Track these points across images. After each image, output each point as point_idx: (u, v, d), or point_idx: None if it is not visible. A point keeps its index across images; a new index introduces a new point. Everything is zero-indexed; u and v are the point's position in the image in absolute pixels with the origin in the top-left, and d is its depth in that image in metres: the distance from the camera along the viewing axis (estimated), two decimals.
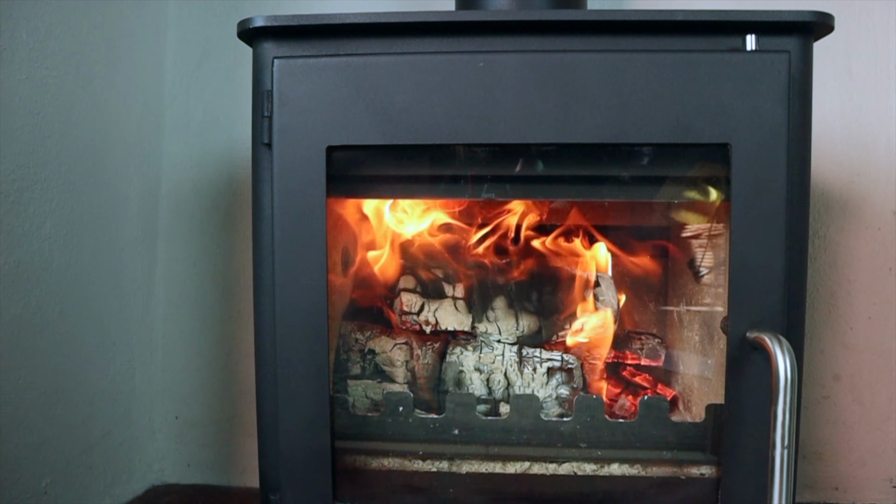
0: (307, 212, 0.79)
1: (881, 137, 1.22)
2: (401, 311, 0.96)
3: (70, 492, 1.06)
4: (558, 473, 0.86)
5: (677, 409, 1.00)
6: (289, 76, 0.78)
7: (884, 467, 1.23)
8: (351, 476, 0.85)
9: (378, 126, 0.78)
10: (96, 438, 1.13)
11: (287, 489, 0.82)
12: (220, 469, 1.29)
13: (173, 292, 1.30)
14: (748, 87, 0.77)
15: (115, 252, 1.17)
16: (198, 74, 1.30)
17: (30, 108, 0.98)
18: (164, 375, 1.30)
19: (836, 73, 1.22)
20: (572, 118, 0.78)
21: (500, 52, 0.78)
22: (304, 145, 0.78)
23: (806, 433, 1.23)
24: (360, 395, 0.94)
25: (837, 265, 1.23)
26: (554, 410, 0.94)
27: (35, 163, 0.99)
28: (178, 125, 1.30)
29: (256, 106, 0.82)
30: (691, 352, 1.00)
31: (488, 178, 0.84)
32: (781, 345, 0.71)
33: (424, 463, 0.87)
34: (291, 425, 0.81)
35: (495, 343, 0.97)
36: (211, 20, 1.30)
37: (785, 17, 0.79)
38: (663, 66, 0.77)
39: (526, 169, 0.84)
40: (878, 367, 1.23)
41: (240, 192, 1.29)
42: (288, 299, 0.80)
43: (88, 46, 1.09)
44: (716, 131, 0.77)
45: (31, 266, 0.98)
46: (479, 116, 0.77)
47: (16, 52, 0.95)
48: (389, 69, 0.78)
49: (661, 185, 0.85)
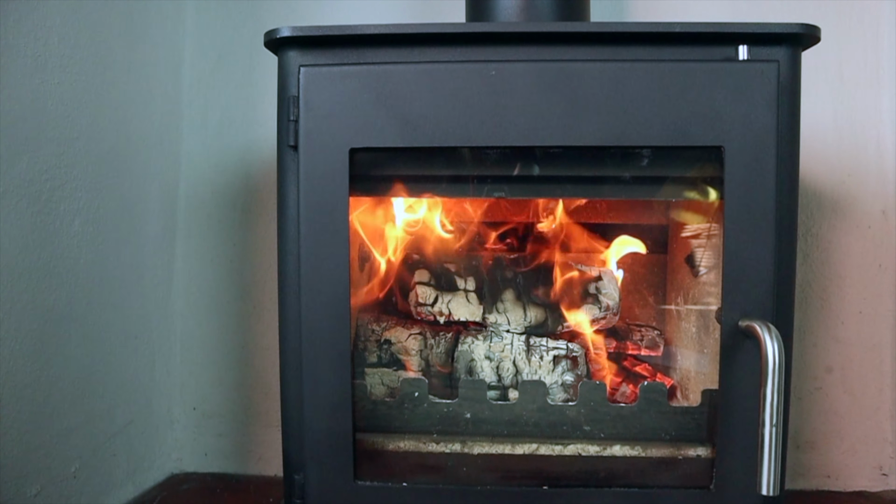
0: (331, 209, 0.86)
1: (871, 140, 1.29)
2: (416, 303, 1.04)
3: (97, 477, 1.13)
4: (564, 454, 0.93)
5: (675, 396, 1.08)
6: (314, 83, 0.86)
7: (873, 455, 1.30)
8: (370, 457, 0.93)
9: (397, 129, 0.85)
10: (119, 427, 1.20)
11: (311, 469, 0.89)
12: (237, 458, 1.36)
13: (191, 288, 1.37)
14: (740, 94, 0.85)
15: (137, 249, 1.24)
16: (214, 78, 1.37)
17: (61, 112, 1.05)
18: (182, 368, 1.37)
19: (828, 78, 1.29)
20: (577, 122, 0.85)
21: (511, 61, 0.85)
22: (329, 147, 0.86)
23: (799, 423, 1.30)
24: (376, 383, 1.02)
25: (829, 262, 1.31)
26: (559, 396, 1.02)
27: (65, 163, 1.06)
28: (196, 127, 1.37)
29: (282, 110, 0.90)
30: (689, 342, 1.08)
31: (498, 178, 0.92)
32: (770, 331, 0.78)
33: (438, 445, 0.94)
34: (316, 410, 0.88)
35: (504, 333, 1.05)
36: (226, 26, 1.37)
37: (774, 29, 0.86)
38: (661, 75, 0.85)
39: (524, 171, 0.92)
40: (869, 359, 1.30)
41: (256, 191, 1.36)
42: (313, 291, 0.87)
43: (113, 53, 1.16)
44: (710, 135, 0.85)
45: (62, 262, 1.05)
46: (491, 121, 0.85)
47: (49, 59, 1.02)
48: (408, 77, 0.85)
49: (659, 185, 0.92)
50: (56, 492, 1.04)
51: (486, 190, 0.91)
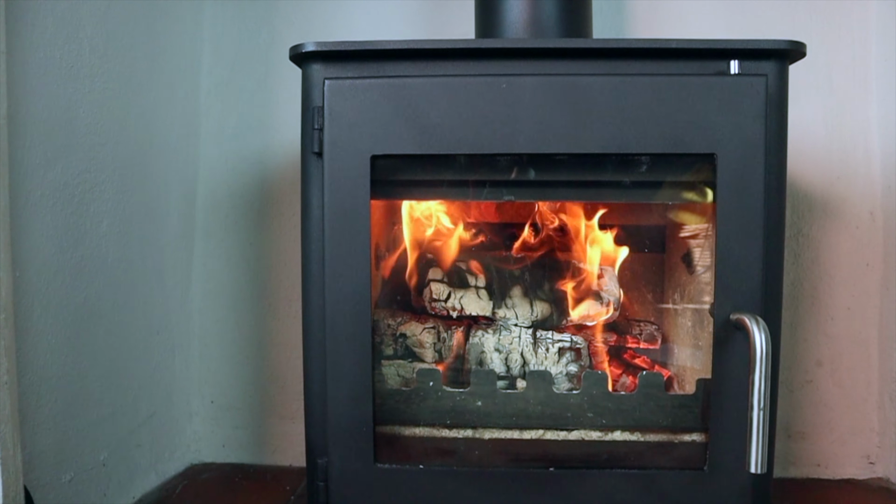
0: (353, 211, 0.95)
1: (859, 144, 1.38)
2: (430, 299, 1.13)
3: (123, 466, 1.22)
4: (568, 439, 1.03)
5: (672, 386, 1.17)
6: (338, 94, 0.95)
7: (861, 445, 1.38)
8: (388, 442, 1.02)
9: (415, 138, 0.94)
10: (143, 419, 1.28)
11: (334, 453, 0.98)
12: (253, 448, 1.44)
13: (209, 286, 1.45)
14: (732, 106, 0.94)
15: (158, 248, 1.33)
16: (231, 85, 1.46)
17: (91, 119, 1.12)
18: (200, 363, 1.46)
19: (818, 86, 1.38)
20: (581, 131, 0.94)
21: (520, 74, 0.94)
22: (352, 154, 0.95)
23: (790, 415, 1.39)
24: (392, 374, 1.11)
25: (819, 261, 1.40)
26: (564, 385, 1.11)
27: (95, 168, 1.14)
28: (213, 132, 1.45)
29: (306, 119, 0.98)
30: (685, 335, 1.17)
31: (508, 182, 1.01)
32: (758, 323, 0.87)
33: (451, 431, 1.03)
34: (339, 399, 0.97)
35: (513, 327, 1.14)
36: (242, 34, 1.45)
37: (763, 46, 0.95)
38: (659, 87, 0.94)
39: (521, 176, 1.01)
40: (857, 353, 1.39)
41: (271, 193, 1.45)
42: (337, 287, 0.96)
43: (137, 62, 1.24)
44: (703, 143, 0.94)
45: (92, 261, 1.13)
46: (502, 130, 0.94)
47: (81, 69, 1.10)
48: (425, 89, 0.94)
49: (657, 189, 1.01)
50: (87, 479, 1.12)
51: (496, 194, 1.00)
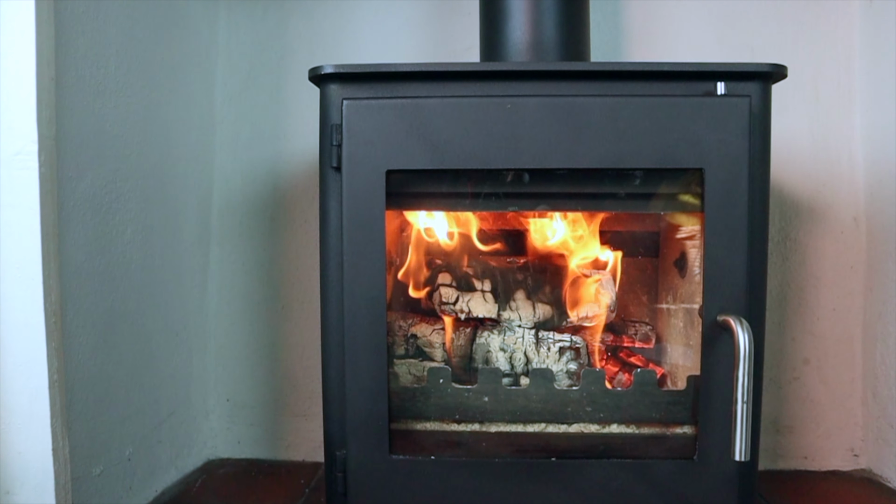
0: (370, 221, 1.06)
1: (844, 153, 1.49)
2: (440, 302, 1.23)
3: (146, 461, 1.32)
4: (569, 432, 1.14)
5: (665, 382, 1.28)
6: (355, 113, 1.05)
7: (846, 438, 1.50)
8: (402, 435, 1.12)
9: (427, 154, 1.05)
10: (164, 417, 1.38)
11: (352, 446, 1.08)
12: (267, 445, 1.55)
13: (224, 290, 1.56)
14: (718, 124, 1.04)
15: (177, 254, 1.43)
16: (244, 96, 1.56)
17: (117, 132, 1.22)
18: (216, 363, 1.56)
19: (804, 98, 1.49)
20: (580, 148, 1.05)
21: (524, 95, 1.05)
22: (368, 169, 1.05)
23: (778, 410, 1.50)
24: (404, 372, 1.21)
25: (806, 264, 1.50)
26: (565, 382, 1.22)
27: (120, 178, 1.23)
28: (228, 142, 1.56)
29: (325, 135, 1.09)
30: (677, 335, 1.28)
31: (512, 194, 1.11)
32: (742, 324, 0.98)
33: (460, 424, 1.14)
34: (357, 395, 1.07)
35: (516, 328, 1.25)
36: (255, 47, 1.55)
37: (747, 68, 1.06)
38: (651, 107, 1.05)
39: (516, 188, 1.11)
40: (842, 352, 1.50)
41: (283, 200, 1.55)
42: (354, 292, 1.06)
43: (157, 77, 1.34)
44: (692, 158, 1.04)
45: (117, 267, 1.23)
46: (507, 146, 1.05)
47: (108, 85, 1.20)
48: (437, 108, 1.05)
49: (649, 200, 1.12)
50: (115, 473, 1.22)
51: (501, 204, 1.11)
